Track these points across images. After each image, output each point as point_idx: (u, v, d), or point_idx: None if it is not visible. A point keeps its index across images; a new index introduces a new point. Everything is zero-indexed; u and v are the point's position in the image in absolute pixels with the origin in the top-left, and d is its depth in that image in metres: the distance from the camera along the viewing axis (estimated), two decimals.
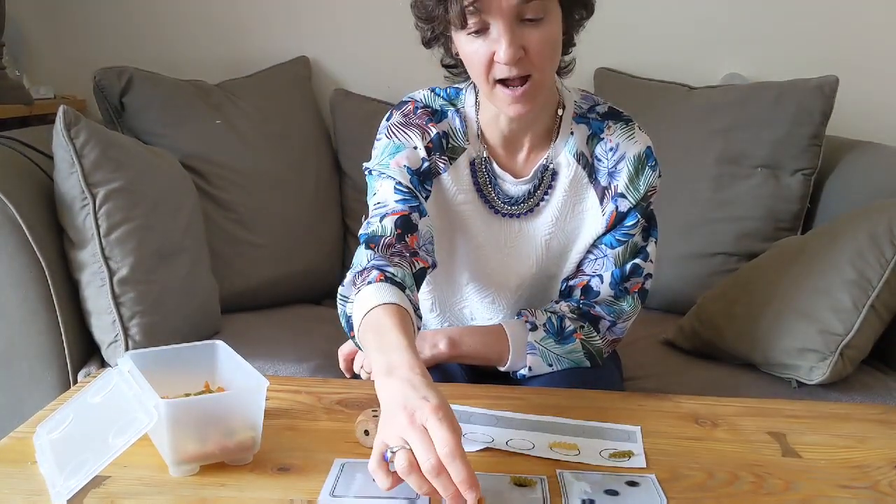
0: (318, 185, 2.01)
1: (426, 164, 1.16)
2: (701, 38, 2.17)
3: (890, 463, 0.92)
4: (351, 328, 1.05)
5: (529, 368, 1.17)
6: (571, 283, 1.22)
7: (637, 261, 1.19)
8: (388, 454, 0.76)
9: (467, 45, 1.04)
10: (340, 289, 1.08)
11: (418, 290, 1.09)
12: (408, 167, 1.15)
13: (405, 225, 1.11)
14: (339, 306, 1.08)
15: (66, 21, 2.19)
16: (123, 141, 1.60)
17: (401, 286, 1.02)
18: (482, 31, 1.01)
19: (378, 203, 1.15)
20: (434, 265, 1.15)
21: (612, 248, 1.19)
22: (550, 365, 1.17)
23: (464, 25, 1.00)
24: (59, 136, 1.45)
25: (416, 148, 1.16)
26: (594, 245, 1.20)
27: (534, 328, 1.17)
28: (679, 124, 1.95)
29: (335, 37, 2.21)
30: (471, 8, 0.98)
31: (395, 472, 0.76)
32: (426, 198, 1.16)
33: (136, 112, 1.85)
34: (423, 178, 1.16)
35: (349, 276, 1.08)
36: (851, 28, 2.14)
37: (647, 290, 1.22)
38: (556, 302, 1.23)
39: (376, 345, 0.92)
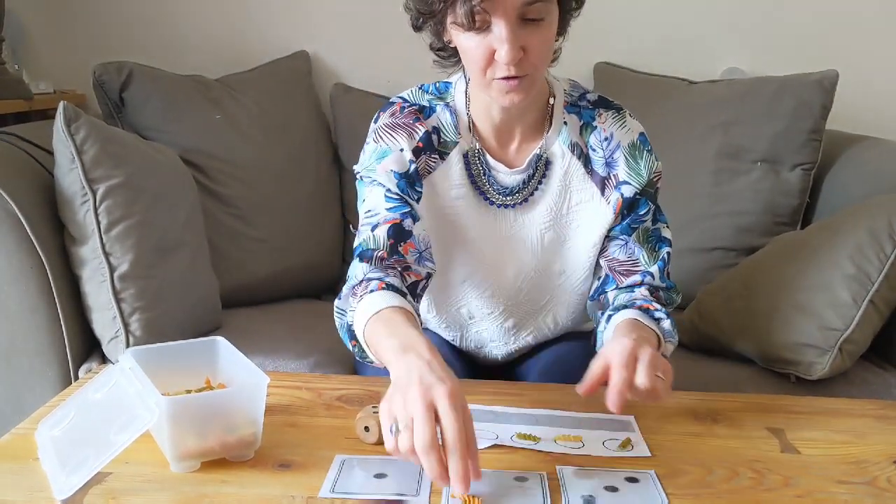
0: (317, 180, 2.01)
1: (414, 167, 1.15)
2: (701, 32, 2.17)
3: (888, 458, 0.93)
4: (352, 337, 1.05)
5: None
6: (627, 282, 1.17)
7: (666, 248, 1.19)
8: (394, 428, 0.78)
9: (466, 41, 1.03)
10: (337, 302, 1.09)
11: (416, 301, 1.10)
12: (395, 171, 1.14)
13: (397, 234, 1.11)
14: (337, 319, 1.09)
15: (66, 15, 2.19)
16: (123, 136, 1.60)
17: (402, 294, 1.03)
18: (483, 28, 1.01)
19: (369, 211, 1.14)
20: (429, 275, 1.14)
21: (639, 243, 1.17)
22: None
23: (471, 26, 1.00)
24: (59, 131, 1.45)
25: (402, 150, 1.15)
26: (610, 239, 1.19)
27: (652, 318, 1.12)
28: (679, 119, 1.95)
29: (335, 31, 2.21)
30: (478, 8, 0.98)
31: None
32: (417, 200, 1.15)
33: (135, 107, 1.85)
34: (412, 181, 1.15)
35: (345, 289, 1.08)
36: (851, 22, 2.14)
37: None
38: (631, 293, 1.17)
39: (388, 332, 0.93)
